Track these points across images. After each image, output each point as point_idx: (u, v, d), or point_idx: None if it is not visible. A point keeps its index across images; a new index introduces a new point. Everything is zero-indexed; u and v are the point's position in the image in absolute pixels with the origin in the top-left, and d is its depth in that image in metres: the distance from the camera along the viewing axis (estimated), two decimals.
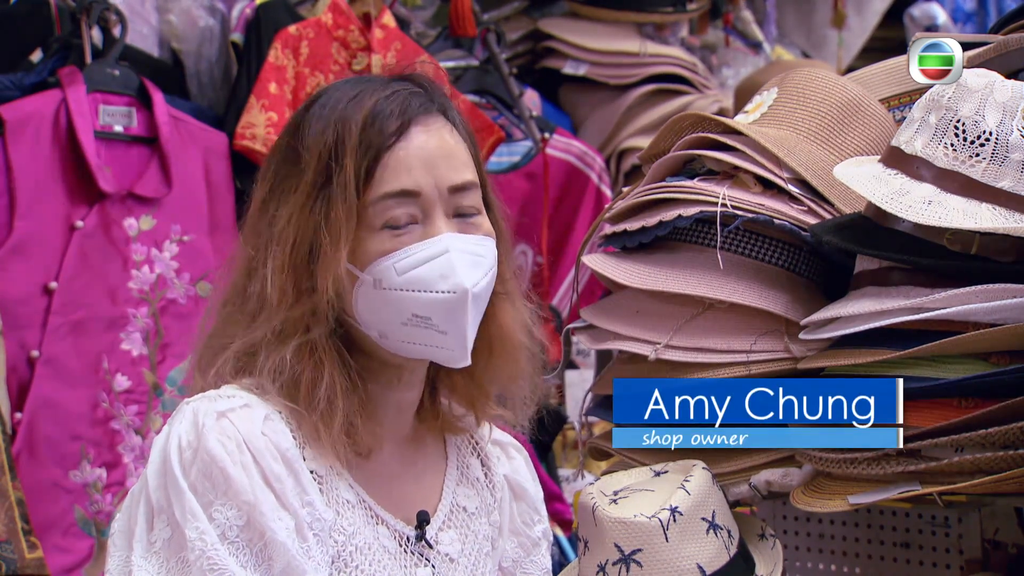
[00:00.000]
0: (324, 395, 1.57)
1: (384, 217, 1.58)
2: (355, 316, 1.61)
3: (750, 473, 1.97)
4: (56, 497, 2.69)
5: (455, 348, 1.60)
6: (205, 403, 1.55)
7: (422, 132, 1.62)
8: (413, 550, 1.66)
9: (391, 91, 1.63)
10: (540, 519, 1.87)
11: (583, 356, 3.70)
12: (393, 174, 1.59)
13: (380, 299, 1.58)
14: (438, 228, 1.59)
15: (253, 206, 1.66)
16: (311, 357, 1.58)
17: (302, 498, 1.54)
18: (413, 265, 1.58)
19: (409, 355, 1.63)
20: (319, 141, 1.60)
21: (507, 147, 3.67)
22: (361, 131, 1.59)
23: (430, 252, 1.58)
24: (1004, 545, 2.10)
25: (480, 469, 1.81)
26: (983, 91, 1.76)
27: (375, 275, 1.58)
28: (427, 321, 1.58)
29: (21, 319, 2.69)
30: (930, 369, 1.78)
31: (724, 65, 4.45)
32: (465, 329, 1.59)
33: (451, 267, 1.58)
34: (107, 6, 2.88)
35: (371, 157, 1.59)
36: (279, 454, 1.54)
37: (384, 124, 1.60)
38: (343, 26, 3.20)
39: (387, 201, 1.58)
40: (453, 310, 1.58)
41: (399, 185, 1.59)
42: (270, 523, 1.50)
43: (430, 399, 1.75)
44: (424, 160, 1.60)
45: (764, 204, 1.95)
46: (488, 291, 1.63)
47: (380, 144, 1.59)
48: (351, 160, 1.58)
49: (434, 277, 1.57)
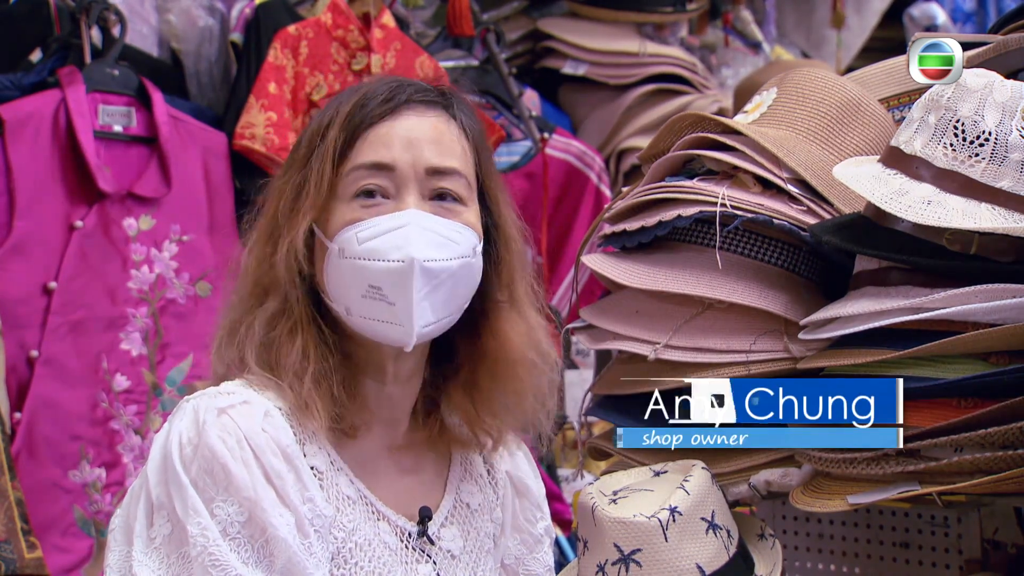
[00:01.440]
0: (298, 356, 1.58)
1: (355, 187, 1.61)
2: (327, 290, 1.62)
3: (749, 473, 1.97)
4: (55, 497, 2.69)
5: (403, 322, 1.59)
6: (205, 400, 1.56)
7: (413, 115, 1.64)
8: (415, 546, 1.66)
9: (394, 83, 1.66)
10: (542, 516, 1.87)
11: (583, 356, 3.70)
12: (371, 147, 1.62)
13: (343, 268, 1.60)
14: (407, 203, 1.60)
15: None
16: (287, 322, 1.60)
17: (303, 494, 1.54)
18: (373, 235, 1.59)
19: (368, 333, 1.62)
20: (313, 124, 1.65)
21: (507, 147, 3.67)
22: (350, 109, 1.63)
23: (391, 224, 1.59)
24: (1003, 545, 2.10)
25: (483, 466, 1.81)
26: (982, 91, 1.76)
27: (340, 244, 1.59)
28: (379, 292, 1.58)
29: (20, 319, 2.69)
30: (929, 369, 1.78)
31: (723, 65, 4.45)
32: (411, 299, 1.58)
33: (406, 239, 1.58)
34: (106, 6, 2.88)
35: (352, 131, 1.62)
36: (279, 450, 1.54)
37: (375, 105, 1.63)
38: (342, 26, 3.20)
39: (360, 171, 1.61)
40: (401, 279, 1.57)
41: (375, 157, 1.61)
42: (271, 519, 1.50)
43: (425, 410, 1.74)
44: (406, 139, 1.62)
45: (763, 204, 1.95)
46: (456, 279, 1.61)
47: (363, 120, 1.62)
48: (334, 133, 1.62)
49: (388, 247, 1.58)
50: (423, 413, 1.73)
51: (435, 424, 1.74)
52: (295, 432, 1.58)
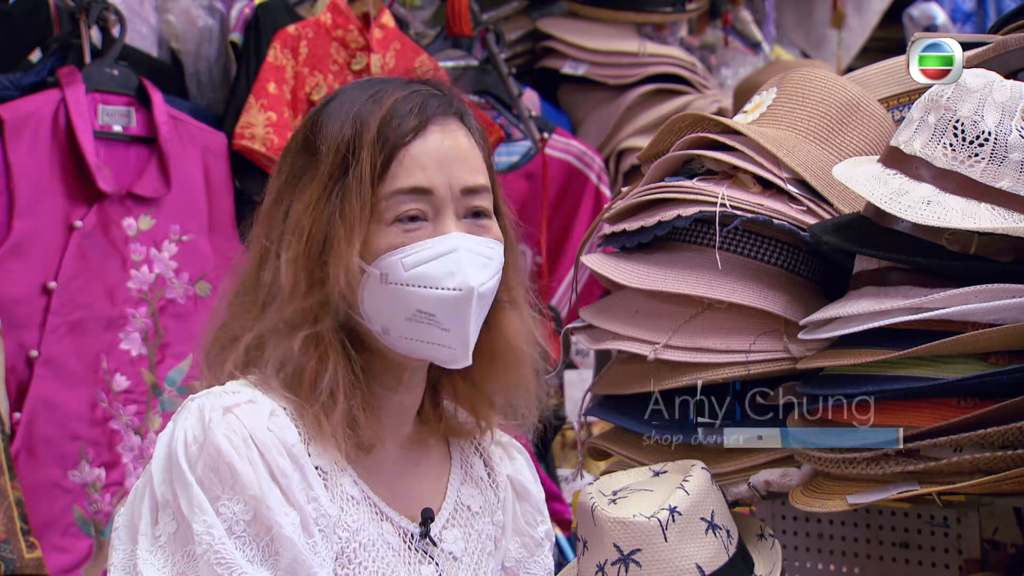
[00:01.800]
0: (327, 387, 1.57)
1: (395, 212, 1.59)
2: (360, 310, 1.61)
3: (749, 473, 1.97)
4: (55, 497, 2.69)
5: (457, 347, 1.61)
6: (211, 399, 1.55)
7: (439, 132, 1.63)
8: (417, 547, 1.66)
9: (410, 91, 1.65)
10: (543, 520, 1.87)
11: (582, 356, 3.70)
12: (407, 171, 1.60)
13: (385, 293, 1.59)
14: (448, 226, 1.60)
15: (268, 198, 1.67)
16: (316, 349, 1.59)
17: (308, 493, 1.54)
18: (421, 261, 1.58)
19: (409, 352, 1.63)
20: (337, 135, 1.61)
21: (506, 147, 3.67)
22: (379, 126, 1.60)
23: (439, 249, 1.59)
24: (1003, 545, 2.10)
25: (483, 469, 1.81)
26: (982, 91, 1.76)
27: (382, 269, 1.58)
28: (431, 318, 1.59)
29: (20, 319, 2.69)
30: (929, 369, 1.78)
31: (723, 65, 4.45)
32: (468, 328, 1.60)
33: (459, 265, 1.58)
34: (106, 6, 2.88)
35: (387, 152, 1.60)
36: (285, 449, 1.54)
37: (403, 121, 1.61)
38: (342, 26, 3.20)
39: (400, 196, 1.59)
40: (458, 308, 1.58)
41: (413, 182, 1.59)
42: (277, 518, 1.50)
43: (432, 403, 1.75)
44: (439, 159, 1.61)
45: (763, 204, 1.95)
46: (492, 294, 1.64)
47: (397, 140, 1.60)
48: (368, 154, 1.59)
49: (441, 274, 1.58)
50: (430, 407, 1.74)
51: (437, 416, 1.74)
52: (300, 432, 1.58)
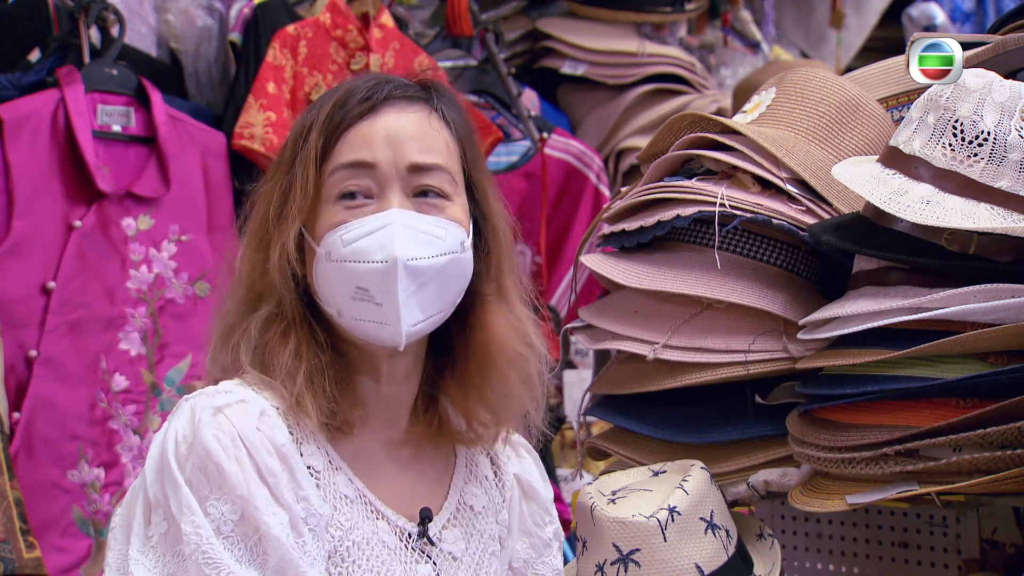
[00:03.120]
0: (291, 356, 1.59)
1: (338, 188, 1.61)
2: (318, 293, 1.62)
3: (748, 473, 1.97)
4: (54, 497, 2.69)
5: (391, 322, 1.59)
6: (203, 399, 1.56)
7: (394, 112, 1.64)
8: (415, 547, 1.66)
9: (375, 80, 1.66)
10: (551, 520, 1.87)
11: (581, 356, 3.70)
12: (352, 147, 1.62)
13: (330, 271, 1.60)
14: (391, 203, 1.61)
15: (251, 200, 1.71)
16: (278, 325, 1.61)
17: (297, 493, 1.55)
18: (357, 237, 1.59)
19: (359, 334, 1.62)
20: (296, 127, 1.66)
21: (505, 147, 3.67)
22: (331, 109, 1.63)
23: (374, 225, 1.59)
24: (1002, 545, 2.10)
25: (489, 467, 1.80)
26: (981, 91, 1.76)
27: (327, 247, 1.60)
28: (366, 293, 1.59)
29: (19, 319, 2.69)
30: (928, 369, 1.78)
31: (722, 65, 4.45)
32: (397, 299, 1.58)
33: (389, 239, 1.58)
34: (105, 6, 2.88)
35: (333, 131, 1.62)
36: (274, 449, 1.54)
37: (353, 103, 1.63)
38: (341, 26, 3.20)
39: (341, 172, 1.61)
40: (386, 279, 1.58)
41: (355, 156, 1.61)
42: (264, 518, 1.51)
43: (424, 404, 1.74)
44: (387, 137, 1.62)
45: (762, 204, 1.95)
46: (442, 275, 1.61)
47: (343, 120, 1.62)
48: (316, 135, 1.62)
49: (372, 247, 1.58)
50: (423, 408, 1.73)
51: (435, 419, 1.74)
52: (292, 431, 1.58)
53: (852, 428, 1.82)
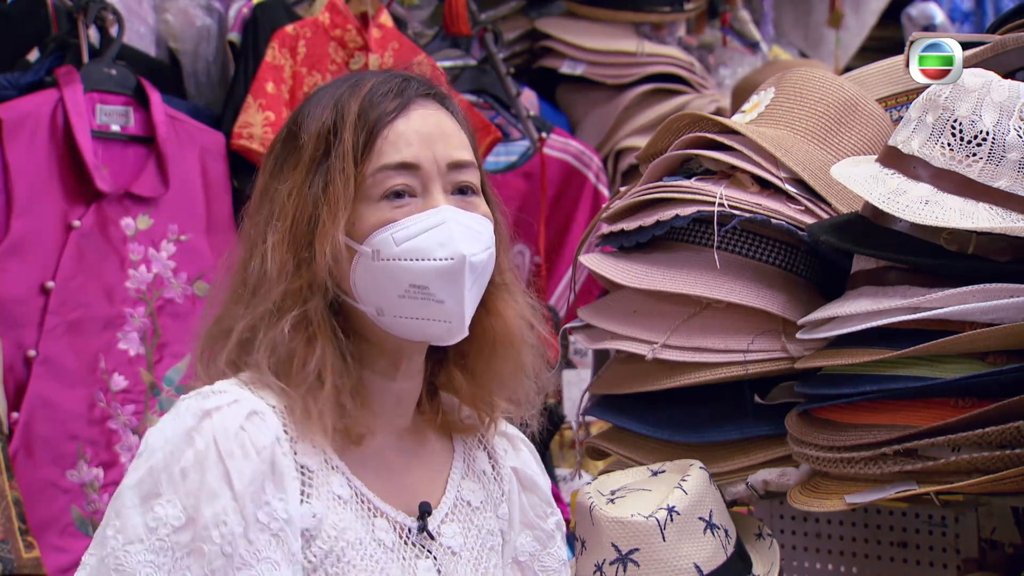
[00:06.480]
0: (314, 369, 1.57)
1: (383, 188, 1.60)
2: (353, 292, 1.61)
3: (747, 473, 1.97)
4: (53, 497, 2.69)
5: (452, 319, 1.60)
6: (196, 400, 1.55)
7: (420, 111, 1.64)
8: (414, 542, 1.66)
9: (388, 76, 1.66)
10: (552, 511, 1.86)
11: (580, 356, 3.70)
12: (392, 146, 1.61)
13: (378, 270, 1.59)
14: (437, 200, 1.60)
15: (255, 192, 1.68)
16: (305, 331, 1.58)
17: (266, 496, 1.52)
18: (412, 235, 1.58)
19: (404, 333, 1.62)
20: (318, 122, 1.63)
21: (504, 147, 3.67)
22: (360, 108, 1.62)
23: (429, 222, 1.59)
24: (1001, 544, 2.10)
25: (487, 462, 1.80)
26: (980, 91, 1.76)
27: (373, 246, 1.59)
28: (424, 291, 1.58)
29: (18, 318, 2.69)
30: (927, 369, 1.78)
31: (721, 65, 4.45)
32: (463, 296, 1.59)
33: (449, 236, 1.58)
34: (104, 5, 2.88)
35: (370, 130, 1.61)
36: (255, 452, 1.53)
37: (383, 101, 1.62)
38: (340, 25, 3.20)
39: (387, 172, 1.60)
40: (451, 277, 1.58)
41: (400, 157, 1.60)
42: (207, 532, 1.49)
43: (428, 397, 1.74)
44: (423, 136, 1.62)
45: (761, 204, 1.95)
46: (486, 269, 1.63)
47: (379, 118, 1.61)
48: (350, 134, 1.60)
49: (432, 245, 1.58)
50: (427, 400, 1.74)
51: (434, 409, 1.74)
52: (288, 430, 1.57)
53: (851, 428, 1.82)
